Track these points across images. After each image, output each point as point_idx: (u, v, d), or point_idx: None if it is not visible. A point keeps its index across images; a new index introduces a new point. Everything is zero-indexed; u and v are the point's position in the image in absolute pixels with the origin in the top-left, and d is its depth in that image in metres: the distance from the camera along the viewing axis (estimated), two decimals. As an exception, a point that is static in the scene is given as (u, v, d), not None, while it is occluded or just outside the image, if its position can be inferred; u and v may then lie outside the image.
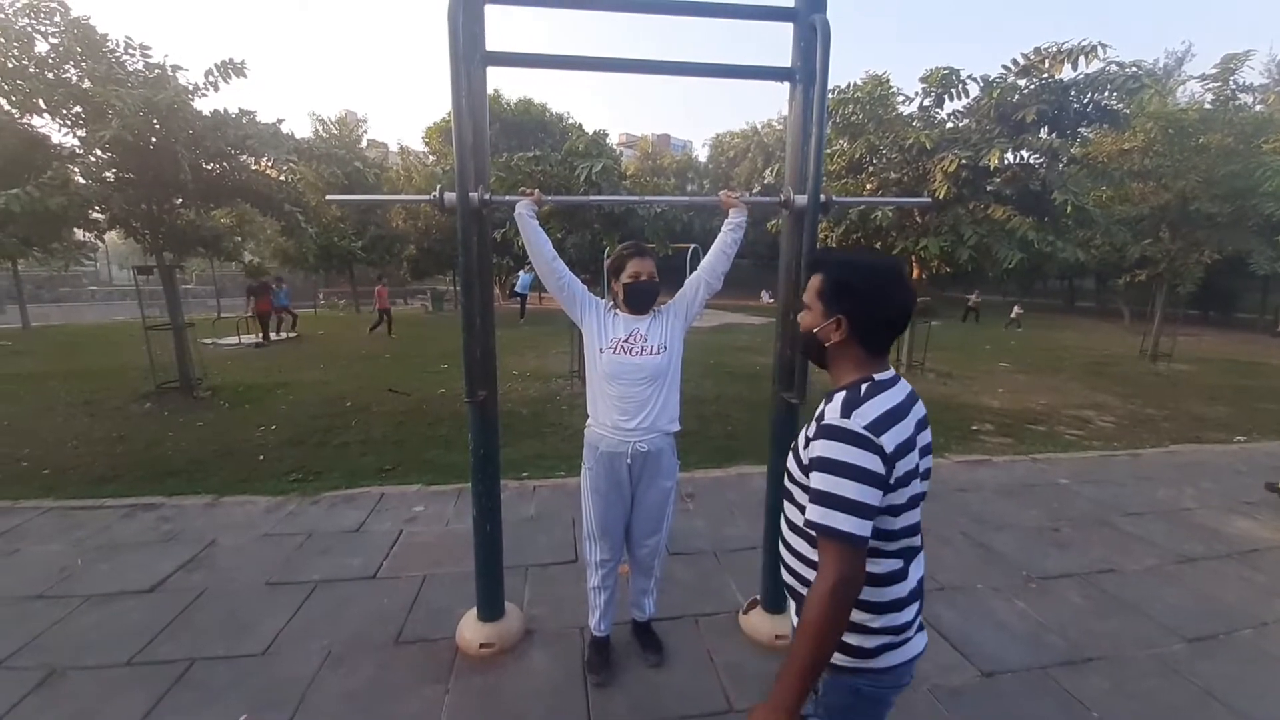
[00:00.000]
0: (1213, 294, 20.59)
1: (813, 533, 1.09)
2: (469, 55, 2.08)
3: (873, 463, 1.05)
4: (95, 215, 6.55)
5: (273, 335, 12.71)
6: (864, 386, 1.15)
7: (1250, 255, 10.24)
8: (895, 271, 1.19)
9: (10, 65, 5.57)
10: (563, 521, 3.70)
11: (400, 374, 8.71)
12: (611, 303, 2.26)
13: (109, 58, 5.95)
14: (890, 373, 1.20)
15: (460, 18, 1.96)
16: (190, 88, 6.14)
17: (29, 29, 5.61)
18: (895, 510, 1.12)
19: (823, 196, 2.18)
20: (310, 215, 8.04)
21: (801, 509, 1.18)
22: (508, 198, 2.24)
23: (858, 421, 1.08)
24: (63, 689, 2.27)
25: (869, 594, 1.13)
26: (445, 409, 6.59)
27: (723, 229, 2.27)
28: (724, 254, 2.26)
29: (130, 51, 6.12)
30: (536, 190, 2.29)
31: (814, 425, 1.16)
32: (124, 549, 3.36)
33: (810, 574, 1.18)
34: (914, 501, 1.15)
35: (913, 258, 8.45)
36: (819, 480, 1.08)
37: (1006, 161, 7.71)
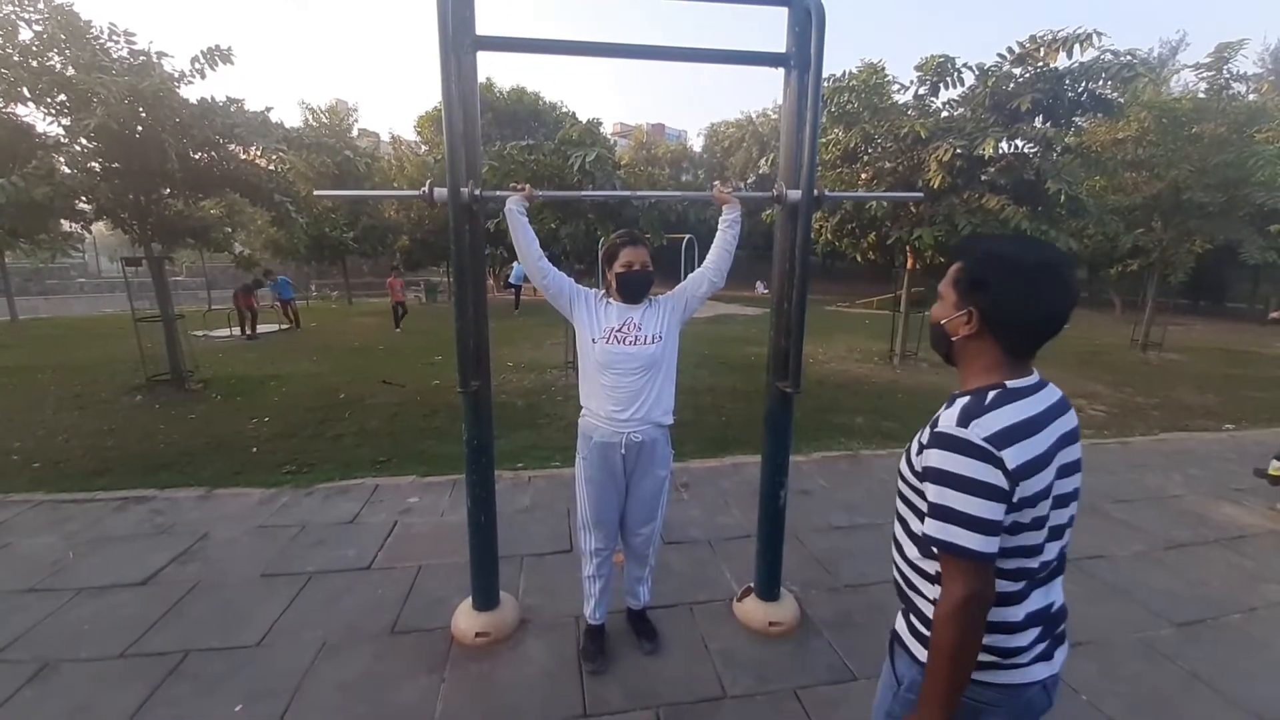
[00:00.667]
0: (1204, 284, 20.72)
1: (931, 546, 1.05)
2: (459, 40, 2.04)
3: (993, 476, 0.97)
4: (81, 206, 6.44)
5: (259, 328, 12.58)
6: (991, 394, 1.04)
7: (1241, 245, 10.29)
8: (1052, 266, 1.03)
9: (-7, 53, 5.46)
10: (557, 512, 3.71)
11: (394, 366, 8.67)
12: (604, 292, 2.25)
13: (93, 45, 5.83)
14: (1032, 379, 1.08)
15: (450, 1, 1.93)
16: (176, 75, 6.04)
17: (12, 16, 5.49)
18: (1015, 529, 1.03)
19: (815, 190, 2.18)
20: (301, 205, 7.93)
21: (912, 509, 1.15)
22: (498, 193, 2.23)
23: (976, 432, 0.99)
24: (56, 682, 2.26)
25: None
26: (439, 400, 6.57)
27: (720, 227, 2.26)
28: (725, 251, 2.25)
29: (115, 38, 5.99)
30: (527, 185, 2.27)
31: (928, 431, 1.08)
32: (116, 542, 3.35)
33: (917, 579, 1.15)
34: (1038, 523, 1.04)
35: (907, 248, 8.45)
36: (935, 493, 1.01)
37: (1001, 151, 7.69)
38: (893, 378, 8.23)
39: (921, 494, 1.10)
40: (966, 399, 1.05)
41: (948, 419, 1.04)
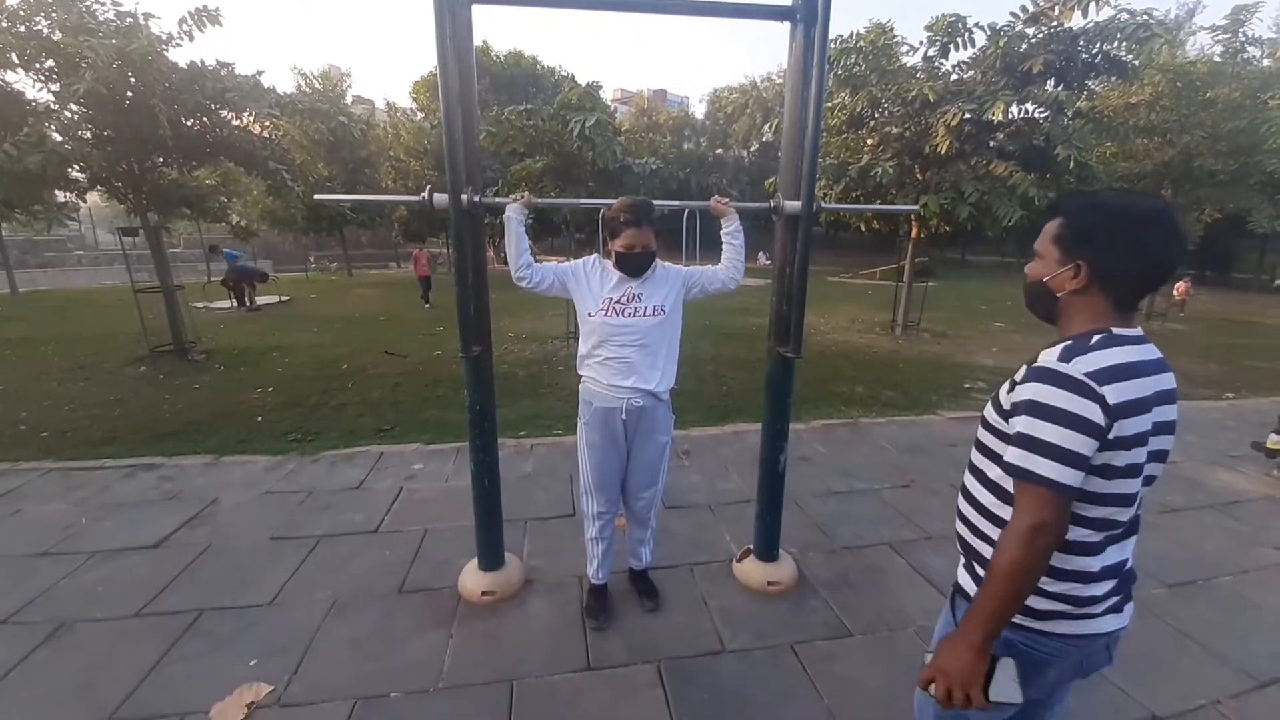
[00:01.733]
0: (1211, 252, 20.52)
1: (1006, 486, 1.05)
2: (454, -7, 1.98)
3: (1090, 410, 0.96)
4: (75, 174, 6.36)
5: (259, 299, 12.55)
6: (1096, 337, 1.03)
7: (1250, 213, 10.16)
8: (1159, 214, 1.02)
9: (-20, 20, 5.32)
10: (560, 478, 3.75)
11: (396, 337, 8.67)
12: (597, 258, 2.23)
13: (78, 7, 5.68)
14: (1137, 331, 1.06)
15: (444, -48, 1.87)
16: (164, 37, 5.89)
17: (-2, -20, 5.33)
18: (1107, 473, 1.01)
19: (815, 204, 2.19)
20: (296, 173, 7.82)
21: (990, 457, 1.13)
22: (498, 200, 2.27)
23: (1078, 367, 0.98)
24: (72, 641, 2.32)
25: (1054, 558, 1.05)
26: (442, 370, 6.59)
27: (724, 239, 2.30)
28: (737, 261, 2.29)
29: (100, 0, 5.83)
30: (527, 194, 2.30)
31: (1024, 369, 1.07)
32: (126, 507, 3.40)
33: (990, 528, 1.14)
34: (1132, 470, 1.03)
35: (913, 216, 8.35)
36: (1024, 424, 1.00)
37: (1010, 115, 7.53)
38: (894, 348, 8.23)
39: (1003, 435, 1.10)
40: (1069, 341, 1.04)
41: (1048, 355, 1.03)
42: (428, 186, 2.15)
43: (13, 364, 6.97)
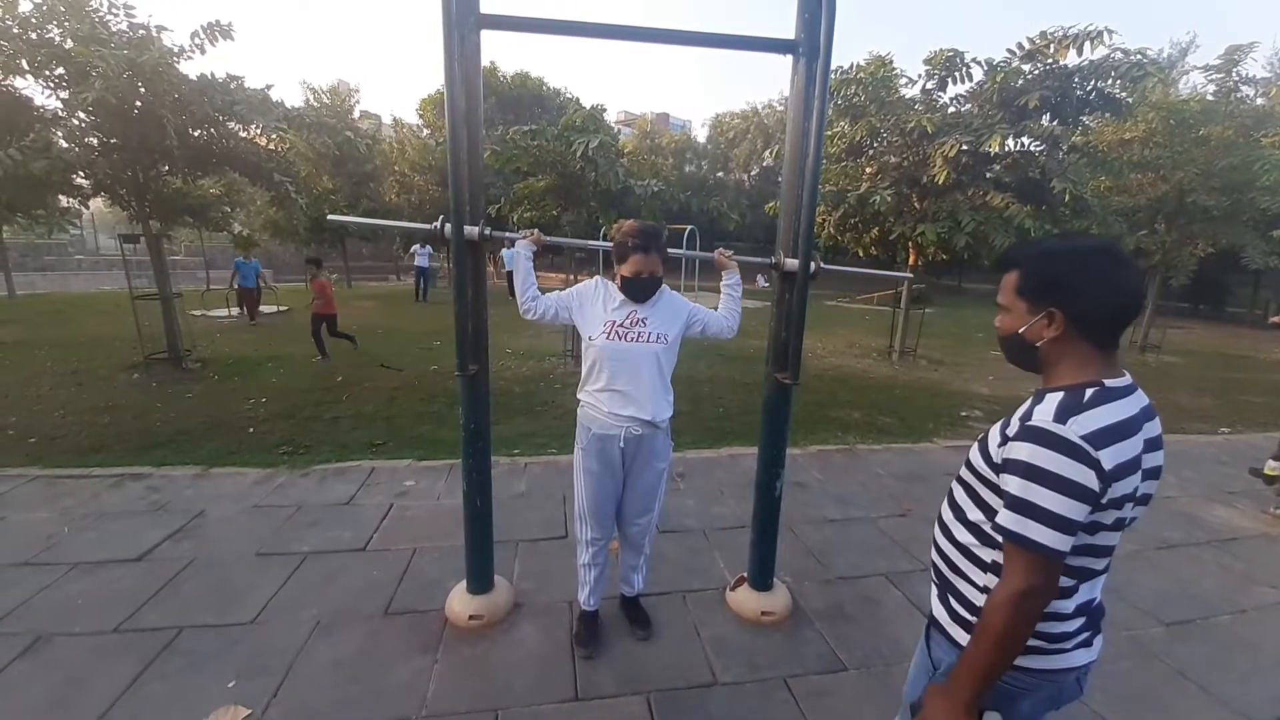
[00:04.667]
0: (1204, 287, 20.71)
1: (997, 536, 1.04)
2: (463, 17, 2.01)
3: (1086, 477, 0.95)
4: (79, 181, 6.39)
5: (262, 308, 12.52)
6: (1090, 392, 1.01)
7: (1244, 249, 10.27)
8: (1108, 251, 1.03)
9: (-7, 26, 5.38)
10: (553, 498, 3.71)
11: (392, 350, 8.65)
12: (608, 282, 2.22)
13: (92, 17, 5.75)
14: (1125, 380, 1.06)
15: (454, -22, 1.90)
16: (176, 50, 5.96)
17: (11, -13, 5.41)
18: (1094, 529, 1.03)
19: (812, 266, 2.25)
20: (300, 186, 7.88)
21: (973, 498, 1.15)
22: (507, 234, 2.40)
23: (1074, 430, 0.97)
24: (50, 655, 2.27)
25: None
26: (437, 385, 6.56)
27: (723, 290, 2.40)
28: (734, 312, 2.36)
29: (114, 11, 5.91)
30: (536, 230, 2.38)
31: (1015, 423, 1.06)
32: (111, 518, 3.35)
33: (967, 566, 1.15)
34: (1118, 524, 1.04)
35: (910, 244, 8.42)
36: (1018, 486, 1.00)
37: (1007, 148, 7.64)
38: (891, 374, 8.23)
39: (990, 484, 1.10)
40: (1061, 395, 1.02)
41: (1043, 414, 1.01)
42: (440, 218, 2.14)
43: (6, 368, 6.92)
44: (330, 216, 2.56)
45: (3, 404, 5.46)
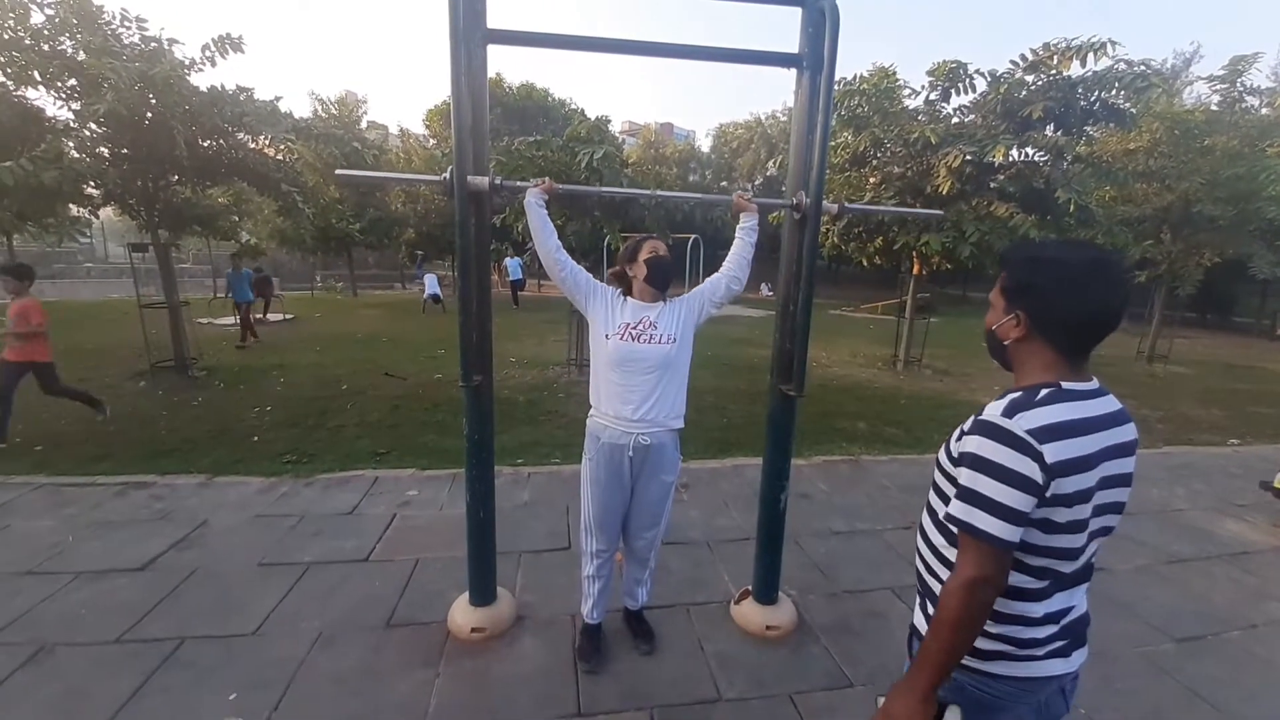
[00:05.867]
0: (1211, 297, 20.60)
1: (953, 528, 1.07)
2: (470, 33, 2.03)
3: (1027, 468, 0.98)
4: (89, 190, 6.46)
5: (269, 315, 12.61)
6: (1044, 392, 1.05)
7: (1251, 259, 10.22)
8: (1096, 264, 1.04)
9: (6, 36, 5.46)
10: (557, 509, 3.70)
11: (397, 358, 8.68)
12: (620, 290, 2.23)
13: (104, 30, 5.84)
14: (1089, 385, 1.09)
15: (462, -7, 1.92)
16: (187, 62, 6.04)
17: (25, 0, 5.50)
18: (1048, 527, 1.04)
19: (835, 205, 2.22)
20: (308, 196, 7.96)
21: (943, 498, 1.16)
22: (518, 184, 2.22)
23: (1020, 424, 1.00)
24: (52, 665, 2.26)
25: (998, 603, 1.09)
26: (441, 394, 6.57)
27: (738, 233, 2.29)
28: (744, 258, 2.28)
29: (126, 24, 6.00)
30: (547, 179, 2.24)
31: (971, 420, 1.10)
32: (115, 527, 3.35)
33: (939, 568, 1.17)
34: (1075, 526, 1.05)
35: (914, 253, 8.42)
36: (967, 477, 1.04)
37: (1011, 158, 7.64)
38: (896, 383, 8.20)
39: (952, 480, 1.12)
40: (1018, 394, 1.07)
41: (993, 409, 1.06)
42: (450, 168, 2.09)
43: (13, 375, 6.96)
44: (338, 172, 2.47)
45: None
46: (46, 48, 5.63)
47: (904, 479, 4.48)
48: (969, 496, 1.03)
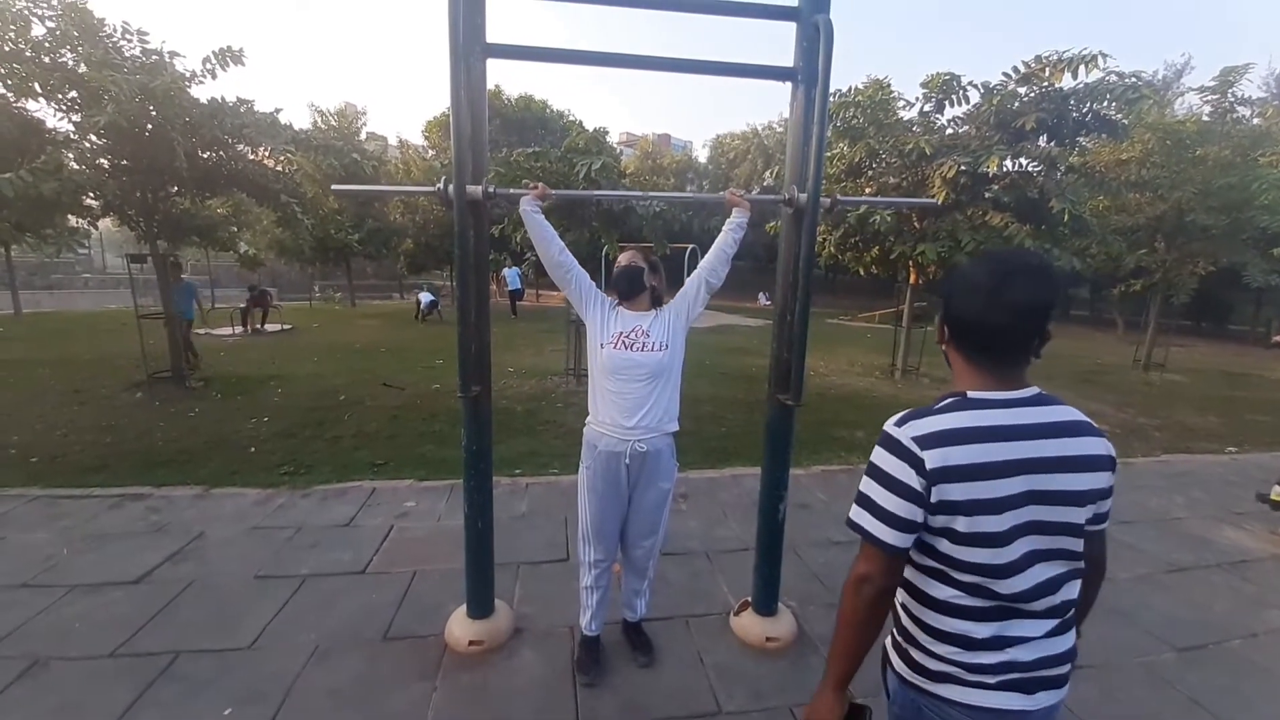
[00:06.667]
0: (1206, 305, 20.74)
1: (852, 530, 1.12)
2: (469, 46, 2.06)
3: (904, 473, 1.01)
4: (89, 201, 6.47)
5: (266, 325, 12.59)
6: (946, 400, 1.09)
7: (1245, 268, 10.30)
8: (1007, 271, 1.01)
9: (6, 49, 5.50)
10: (555, 519, 3.68)
11: (395, 368, 8.67)
12: (615, 300, 2.25)
13: (105, 42, 5.89)
14: (1011, 394, 1.06)
15: (461, 8, 1.95)
16: (187, 75, 6.08)
17: (26, 11, 5.54)
18: (954, 537, 1.02)
19: (828, 199, 2.19)
20: (307, 207, 7.98)
21: None
22: (512, 191, 2.24)
23: (906, 432, 1.04)
24: (46, 679, 2.24)
25: (926, 615, 1.11)
26: (439, 404, 6.56)
27: (724, 229, 2.27)
28: (724, 253, 2.25)
29: (127, 37, 6.04)
30: (540, 184, 2.26)
31: None
32: (111, 539, 3.33)
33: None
34: (985, 540, 1.01)
35: (910, 263, 8.46)
36: (862, 482, 1.09)
37: (1005, 169, 7.71)
38: (894, 392, 8.21)
39: None
40: (923, 406, 1.10)
41: (892, 419, 1.09)
42: (442, 178, 2.13)
43: (8, 386, 6.94)
44: (334, 188, 2.55)
45: (6, 422, 5.46)
46: (47, 60, 5.67)
47: (903, 488, 4.47)
48: (859, 498, 1.08)
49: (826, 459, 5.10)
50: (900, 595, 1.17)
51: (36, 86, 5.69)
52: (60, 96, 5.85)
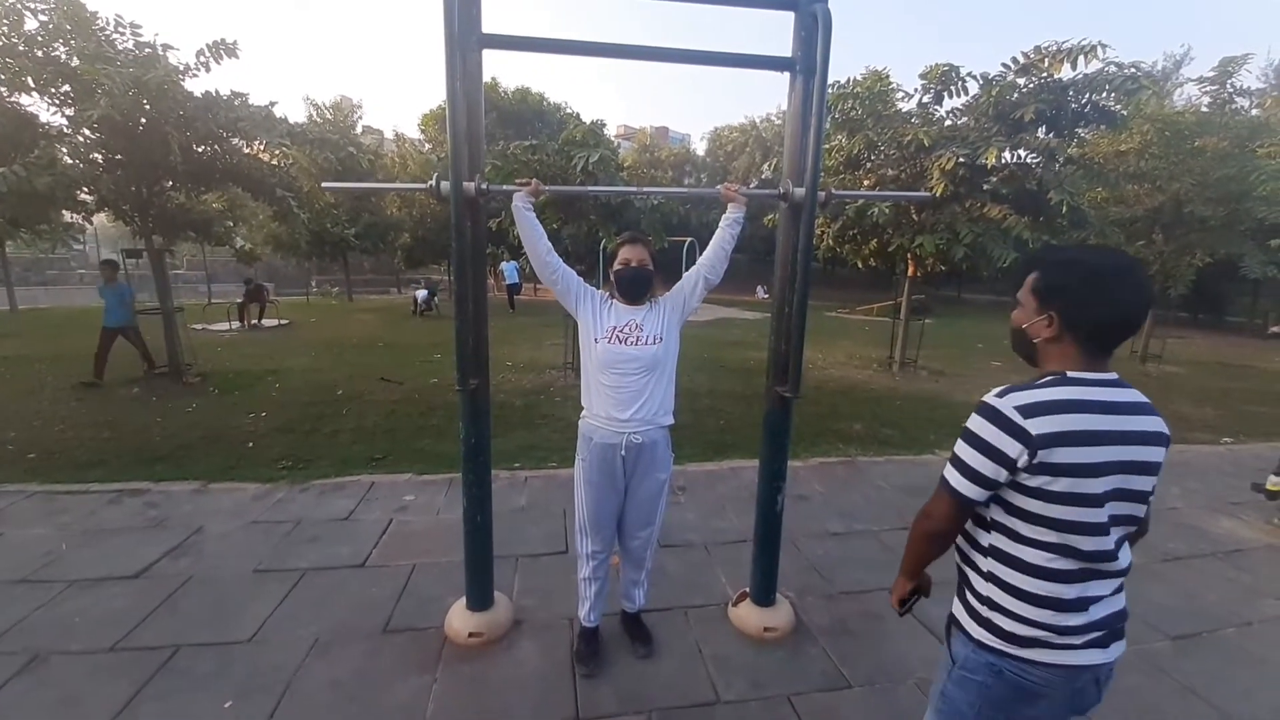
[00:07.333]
0: (1203, 297, 20.73)
1: (984, 512, 1.22)
2: (465, 37, 2.04)
3: (997, 438, 1.10)
4: (83, 196, 6.43)
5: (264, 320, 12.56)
6: (1047, 378, 1.16)
7: (1242, 259, 10.29)
8: (1124, 270, 1.11)
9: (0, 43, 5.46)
10: (553, 512, 3.69)
11: (393, 362, 8.66)
12: (608, 293, 2.24)
13: (98, 36, 5.83)
14: (1103, 375, 1.16)
15: (456, -2, 1.93)
16: (181, 68, 6.03)
17: (18, 6, 5.49)
18: (1046, 496, 1.11)
19: (823, 192, 2.18)
20: (303, 201, 7.93)
21: None
22: (505, 187, 2.22)
23: (1008, 402, 1.11)
24: (46, 674, 2.25)
25: (1023, 582, 1.17)
26: (438, 398, 6.56)
27: (721, 224, 2.26)
28: (722, 249, 2.24)
29: (120, 30, 5.99)
30: (534, 180, 2.24)
31: None
32: (109, 534, 3.33)
33: (971, 552, 1.28)
34: (1080, 500, 1.11)
35: (908, 255, 8.45)
36: (957, 444, 1.18)
37: (1003, 160, 7.69)
38: (892, 385, 8.23)
39: None
40: (1025, 382, 1.17)
41: (994, 391, 1.16)
42: (434, 174, 2.14)
43: (6, 382, 6.93)
44: (324, 185, 2.56)
45: (2, 418, 5.45)
46: (40, 54, 5.62)
47: (900, 480, 4.49)
48: (951, 458, 1.19)
49: (825, 451, 5.11)
50: (986, 563, 1.23)
51: (29, 80, 5.64)
52: (53, 90, 5.80)
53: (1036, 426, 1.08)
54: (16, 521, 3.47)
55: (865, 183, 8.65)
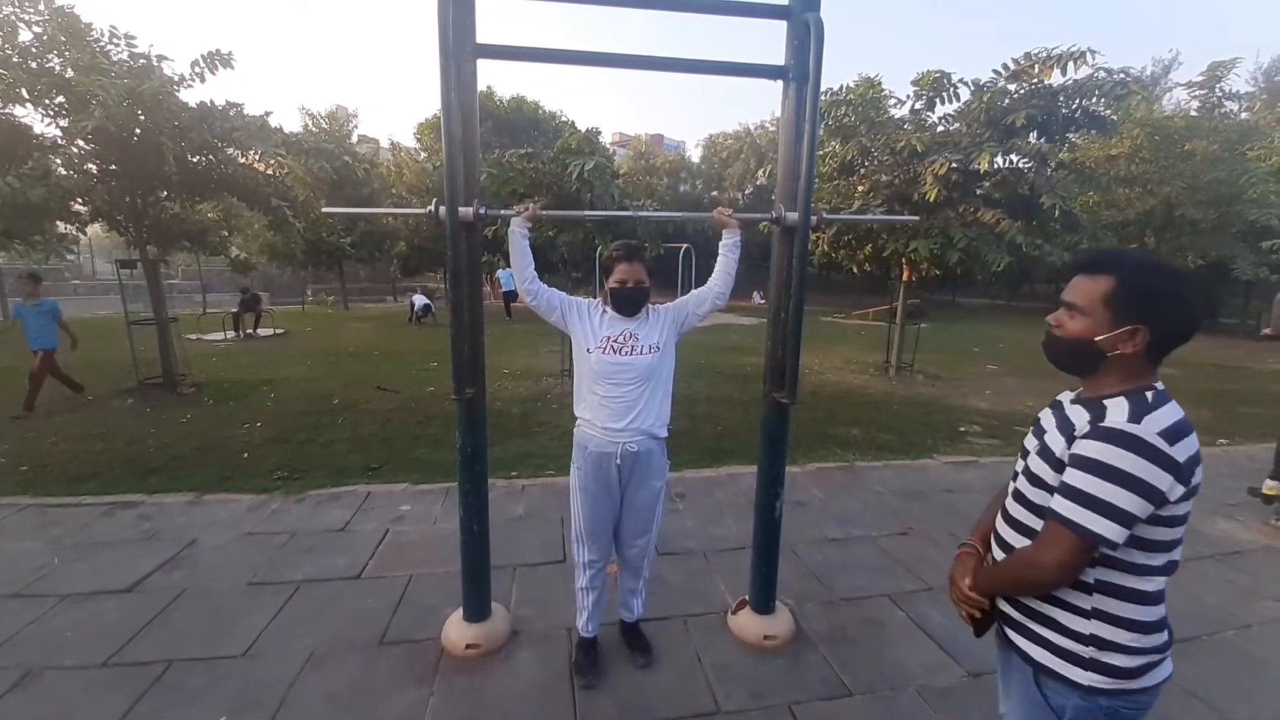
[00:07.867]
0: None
1: (1050, 520, 1.10)
2: (459, 47, 2.05)
3: (1157, 477, 1.01)
4: (77, 207, 6.43)
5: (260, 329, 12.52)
6: (1150, 394, 1.09)
7: (1234, 261, 10.40)
8: (1190, 279, 1.11)
9: (-7, 54, 5.46)
10: (551, 521, 3.67)
11: (389, 371, 8.63)
12: (601, 302, 2.24)
13: (93, 47, 5.84)
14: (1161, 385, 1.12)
15: (451, 8, 1.94)
16: (176, 78, 6.04)
17: (12, 17, 5.49)
18: (1173, 522, 1.07)
19: (814, 217, 2.20)
20: (298, 210, 7.93)
21: (1038, 512, 1.17)
22: (503, 212, 2.25)
23: (1150, 428, 1.02)
24: (39, 689, 2.22)
25: (1138, 613, 1.11)
26: (434, 407, 6.53)
27: (721, 250, 2.29)
28: (728, 274, 2.28)
29: (115, 41, 6.00)
30: (531, 205, 2.26)
31: (1085, 425, 1.10)
32: (102, 547, 3.30)
33: (1062, 591, 1.17)
34: (1186, 517, 1.09)
35: (903, 260, 8.50)
36: (1082, 480, 1.05)
37: (996, 165, 7.76)
38: (888, 389, 8.23)
39: (1038, 480, 1.17)
40: (1124, 399, 1.08)
41: (1116, 416, 1.06)
42: (435, 200, 2.14)
43: (-2, 395, 6.87)
44: (325, 209, 2.61)
45: (-5, 432, 5.40)
46: (34, 65, 5.63)
47: (898, 484, 4.49)
48: (1085, 500, 1.04)
49: (822, 456, 5.11)
50: (1091, 600, 1.13)
51: (23, 92, 5.64)
52: (47, 101, 5.81)
53: (1180, 452, 1.02)
54: (9, 535, 3.43)
55: (859, 188, 8.72)
